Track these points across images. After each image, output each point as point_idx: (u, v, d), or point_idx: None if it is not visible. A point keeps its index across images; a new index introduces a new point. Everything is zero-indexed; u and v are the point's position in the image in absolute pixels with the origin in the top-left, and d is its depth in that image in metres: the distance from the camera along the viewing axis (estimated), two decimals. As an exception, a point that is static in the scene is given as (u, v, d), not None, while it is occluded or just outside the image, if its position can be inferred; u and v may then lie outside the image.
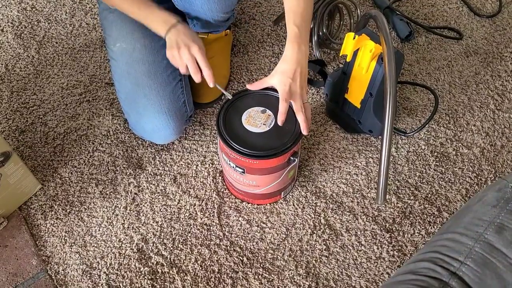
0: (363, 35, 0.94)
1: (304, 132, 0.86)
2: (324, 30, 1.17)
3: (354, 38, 0.93)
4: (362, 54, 0.94)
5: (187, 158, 1.08)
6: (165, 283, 0.92)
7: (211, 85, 0.92)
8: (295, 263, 0.95)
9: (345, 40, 0.94)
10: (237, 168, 0.91)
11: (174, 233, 0.98)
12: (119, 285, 0.92)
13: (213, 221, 1.00)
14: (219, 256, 0.95)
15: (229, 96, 0.91)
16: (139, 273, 0.94)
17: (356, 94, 1.02)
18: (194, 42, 0.91)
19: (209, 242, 0.97)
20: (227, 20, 1.05)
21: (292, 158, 0.90)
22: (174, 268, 0.94)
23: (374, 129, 1.06)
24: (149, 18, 0.95)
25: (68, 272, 0.94)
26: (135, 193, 1.03)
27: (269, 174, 0.91)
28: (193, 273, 0.94)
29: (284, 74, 0.86)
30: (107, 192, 1.03)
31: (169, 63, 1.02)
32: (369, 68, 0.94)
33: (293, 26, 0.87)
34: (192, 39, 0.92)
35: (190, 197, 1.03)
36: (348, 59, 0.97)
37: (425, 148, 1.09)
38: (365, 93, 0.99)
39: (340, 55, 0.97)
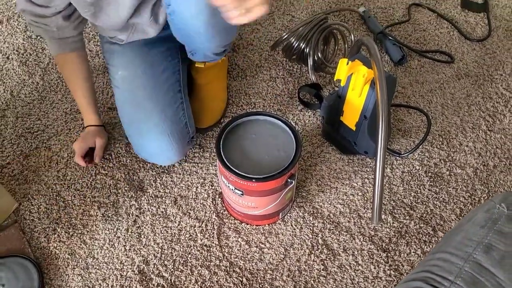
0: (356, 61, 0.98)
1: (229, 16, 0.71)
2: (319, 55, 1.21)
3: (347, 63, 0.96)
4: (356, 79, 0.98)
5: (187, 180, 1.11)
6: (166, 305, 0.94)
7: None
8: (293, 283, 0.96)
9: (338, 66, 0.98)
10: (236, 191, 0.93)
11: (175, 255, 1.00)
12: (121, 306, 0.94)
13: (213, 242, 1.02)
14: (219, 277, 0.97)
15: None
16: (141, 295, 0.95)
17: (351, 116, 1.05)
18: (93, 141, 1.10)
19: (209, 263, 0.99)
20: (223, 52, 1.09)
21: (289, 180, 0.92)
22: (174, 289, 0.96)
23: (370, 150, 1.09)
24: (80, 108, 1.14)
25: (71, 294, 0.95)
26: (137, 215, 1.06)
27: (267, 196, 0.93)
28: (193, 294, 0.95)
29: None
30: (109, 214, 1.06)
31: (170, 86, 1.06)
32: (363, 92, 0.98)
33: None
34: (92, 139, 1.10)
35: (190, 219, 1.05)
36: (342, 84, 1.01)
37: (419, 169, 1.12)
38: (360, 115, 1.02)
39: (335, 79, 1.01)
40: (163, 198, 1.08)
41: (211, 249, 1.01)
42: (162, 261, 0.99)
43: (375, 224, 1.03)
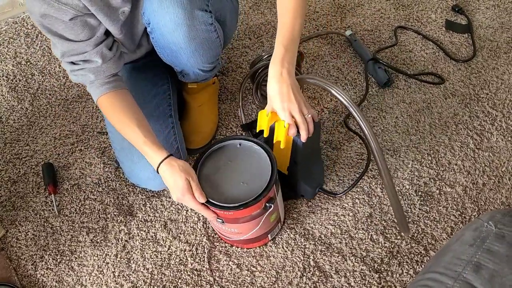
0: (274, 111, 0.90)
1: (302, 139, 0.90)
2: (263, 93, 1.21)
3: (267, 114, 0.90)
4: (278, 129, 0.91)
5: (177, 204, 1.10)
6: (156, 332, 0.92)
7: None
8: (285, 307, 0.95)
9: (259, 117, 0.92)
10: (216, 219, 0.91)
11: (165, 280, 0.99)
12: (109, 335, 0.92)
13: (204, 266, 1.00)
14: (209, 302, 0.96)
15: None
16: (130, 322, 0.93)
17: (282, 162, 1.01)
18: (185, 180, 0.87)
19: (199, 288, 0.98)
20: (213, 69, 1.10)
21: (268, 204, 0.90)
22: (164, 316, 0.94)
23: (306, 193, 1.06)
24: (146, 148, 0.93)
25: (58, 323, 0.93)
26: (126, 240, 1.04)
27: (248, 222, 0.91)
28: (184, 321, 0.93)
29: (277, 98, 0.88)
30: (98, 240, 1.04)
31: (160, 112, 1.06)
32: (288, 141, 0.93)
33: (281, 47, 0.88)
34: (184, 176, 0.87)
35: (180, 243, 1.04)
36: (265, 135, 0.93)
37: (409, 188, 1.12)
38: (290, 161, 0.99)
39: (257, 131, 0.94)
40: (153, 222, 1.07)
41: (201, 273, 0.99)
42: (152, 287, 0.98)
43: (408, 236, 1.03)
